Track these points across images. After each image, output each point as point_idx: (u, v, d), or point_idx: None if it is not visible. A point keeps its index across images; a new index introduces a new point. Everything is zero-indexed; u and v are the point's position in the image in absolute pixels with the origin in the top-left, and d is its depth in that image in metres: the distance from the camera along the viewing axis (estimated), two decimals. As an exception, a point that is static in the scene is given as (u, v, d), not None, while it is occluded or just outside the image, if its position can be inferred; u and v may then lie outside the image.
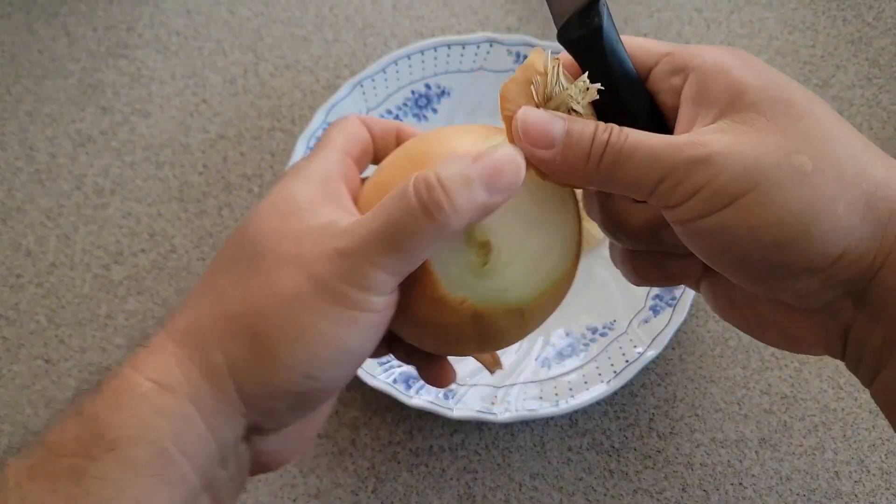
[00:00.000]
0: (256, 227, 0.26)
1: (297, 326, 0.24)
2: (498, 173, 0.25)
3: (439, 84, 0.54)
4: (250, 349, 0.24)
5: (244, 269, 0.25)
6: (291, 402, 0.26)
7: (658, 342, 0.45)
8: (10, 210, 0.53)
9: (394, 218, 0.24)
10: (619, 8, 0.59)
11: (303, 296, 0.24)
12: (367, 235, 0.24)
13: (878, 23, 0.57)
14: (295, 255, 0.25)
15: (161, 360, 0.25)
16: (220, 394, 0.25)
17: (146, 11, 0.60)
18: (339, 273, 0.24)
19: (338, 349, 0.25)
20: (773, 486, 0.44)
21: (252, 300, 0.25)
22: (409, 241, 0.24)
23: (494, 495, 0.44)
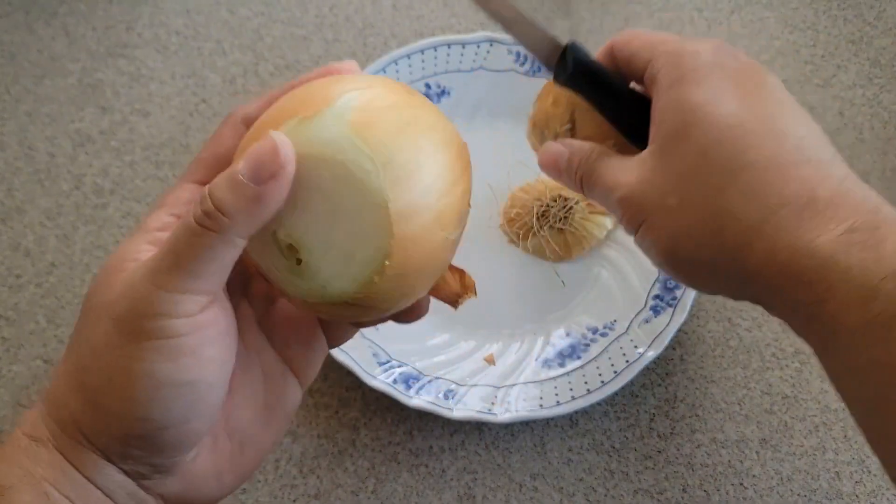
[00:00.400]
0: (90, 289, 0.26)
1: (111, 373, 0.24)
2: (259, 164, 0.23)
3: (439, 83, 0.53)
4: (84, 402, 0.25)
5: (79, 328, 0.26)
6: (143, 445, 0.25)
7: (658, 342, 0.45)
8: (10, 210, 0.53)
9: (178, 239, 0.24)
10: (620, 8, 0.59)
11: (111, 341, 0.24)
12: (153, 263, 0.24)
13: (878, 22, 0.57)
14: (105, 304, 0.25)
15: (34, 416, 0.26)
16: (79, 445, 0.25)
17: (146, 11, 0.60)
18: (134, 307, 0.24)
19: (155, 384, 0.24)
20: (774, 486, 0.44)
21: (79, 355, 0.25)
22: (191, 257, 0.24)
23: (494, 496, 0.44)
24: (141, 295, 0.24)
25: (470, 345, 0.47)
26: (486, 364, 0.47)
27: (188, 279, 0.24)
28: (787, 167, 0.27)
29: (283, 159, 0.23)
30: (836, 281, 0.25)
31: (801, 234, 0.26)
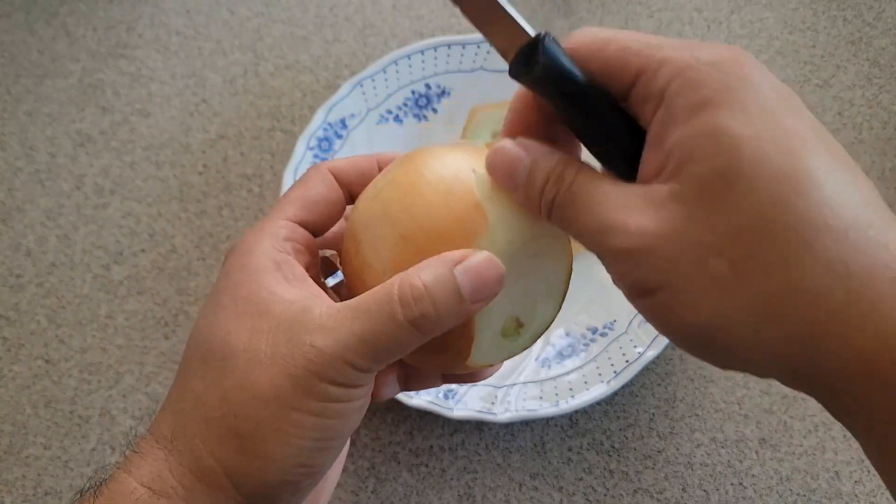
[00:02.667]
0: (223, 326, 0.26)
1: (280, 423, 0.25)
2: (482, 283, 0.25)
3: (439, 84, 0.54)
4: (240, 451, 0.25)
5: (219, 371, 0.25)
6: (294, 490, 0.26)
7: (658, 342, 0.45)
8: (10, 210, 0.53)
9: (377, 323, 0.24)
10: (620, 8, 0.59)
11: (282, 394, 0.25)
12: (348, 338, 0.24)
13: (878, 23, 0.57)
14: (270, 354, 0.25)
15: (153, 466, 0.25)
16: (219, 493, 0.25)
17: (146, 11, 0.60)
18: (319, 373, 0.24)
19: (326, 437, 0.26)
20: (774, 486, 0.44)
21: (232, 402, 0.25)
22: (391, 348, 0.25)
23: (494, 495, 0.44)
24: (331, 366, 0.25)
25: (470, 345, 0.48)
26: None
27: (376, 364, 0.25)
28: (865, 231, 0.21)
29: (499, 286, 0.25)
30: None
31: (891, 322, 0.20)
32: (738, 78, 0.22)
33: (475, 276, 0.25)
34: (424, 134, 0.53)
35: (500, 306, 0.27)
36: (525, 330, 0.29)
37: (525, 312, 0.29)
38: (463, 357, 0.28)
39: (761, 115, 0.22)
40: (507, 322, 0.29)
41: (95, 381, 0.48)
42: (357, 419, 0.27)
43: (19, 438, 0.47)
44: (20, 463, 0.46)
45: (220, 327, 0.26)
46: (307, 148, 0.50)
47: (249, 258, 0.27)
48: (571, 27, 0.58)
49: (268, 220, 0.28)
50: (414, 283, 0.24)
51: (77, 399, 0.48)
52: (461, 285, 0.24)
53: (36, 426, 0.47)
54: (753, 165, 0.21)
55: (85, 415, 0.47)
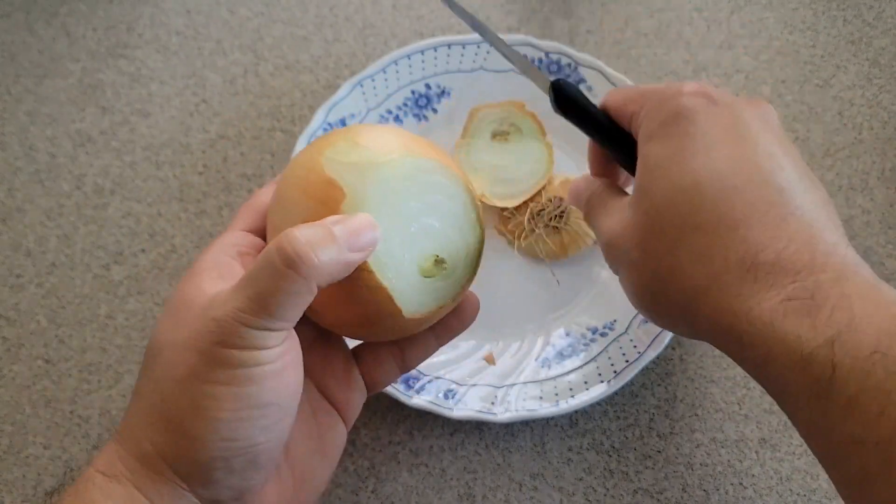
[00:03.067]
0: (157, 330, 0.29)
1: (196, 399, 0.26)
2: (358, 234, 0.27)
3: (439, 84, 0.54)
4: (167, 432, 0.27)
5: (152, 366, 0.28)
6: (224, 467, 0.27)
7: (658, 342, 0.45)
8: (10, 210, 0.53)
9: (261, 278, 0.26)
10: (620, 8, 0.59)
11: (196, 371, 0.26)
12: (238, 300, 0.26)
13: (878, 23, 0.57)
14: (185, 338, 0.27)
15: (107, 456, 0.28)
16: (159, 476, 0.27)
17: (146, 11, 0.60)
18: (220, 340, 0.26)
19: (241, 406, 0.26)
20: (774, 486, 0.44)
21: (160, 389, 0.27)
22: (280, 299, 0.26)
23: (494, 495, 0.44)
24: (228, 330, 0.26)
25: (470, 344, 0.48)
26: (486, 364, 0.47)
27: (272, 320, 0.26)
28: (734, 230, 0.28)
29: (373, 241, 0.28)
30: (776, 347, 0.25)
31: (742, 301, 0.27)
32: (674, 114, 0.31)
33: (350, 228, 0.27)
34: (424, 134, 0.53)
35: (403, 251, 0.29)
36: (452, 264, 0.31)
37: (440, 247, 0.31)
38: (395, 312, 0.29)
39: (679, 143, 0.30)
40: (423, 262, 0.30)
41: (95, 381, 0.48)
42: (278, 387, 0.27)
43: (19, 438, 0.47)
44: (20, 463, 0.46)
45: (157, 328, 0.29)
46: (307, 148, 0.50)
47: (192, 266, 0.30)
48: (571, 27, 0.58)
49: (221, 234, 0.32)
50: (289, 234, 0.26)
51: (77, 399, 0.48)
52: (337, 233, 0.27)
53: (36, 426, 0.47)
54: (659, 180, 0.30)
55: (85, 415, 0.47)
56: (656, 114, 0.31)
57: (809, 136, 0.54)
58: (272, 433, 0.28)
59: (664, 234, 0.29)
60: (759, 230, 0.27)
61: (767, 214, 0.28)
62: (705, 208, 0.28)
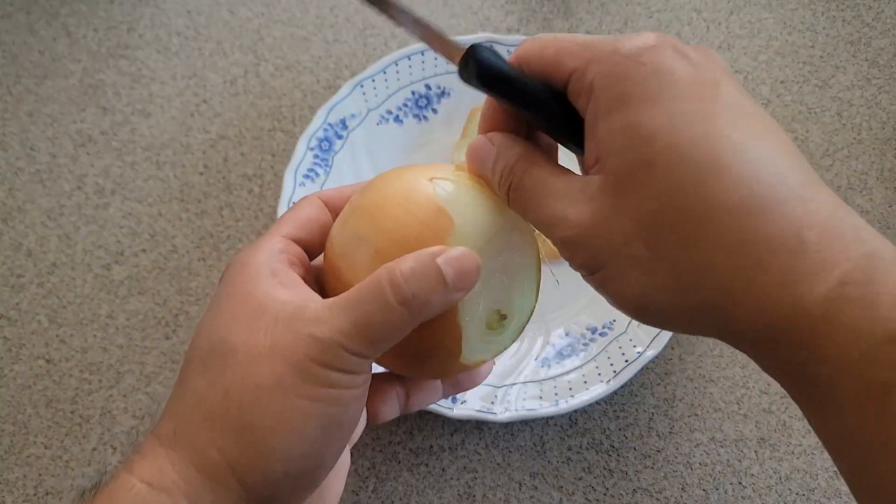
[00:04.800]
0: (222, 326, 0.27)
1: (282, 412, 0.25)
2: (463, 272, 0.27)
3: (439, 84, 0.54)
4: (243, 442, 0.25)
5: (219, 367, 0.26)
6: (294, 483, 0.26)
7: (657, 342, 0.45)
8: (11, 210, 0.53)
9: (369, 309, 0.26)
10: (619, 9, 0.59)
11: (284, 383, 0.25)
12: (344, 325, 0.26)
13: (877, 23, 0.57)
14: (269, 346, 0.26)
15: (153, 462, 0.25)
16: (222, 488, 0.25)
17: (147, 12, 0.60)
18: (318, 358, 0.25)
19: (328, 425, 0.26)
20: (773, 485, 0.44)
21: (234, 396, 0.26)
22: (384, 332, 0.26)
23: (494, 495, 0.44)
24: (331, 353, 0.25)
25: (470, 344, 0.48)
26: (486, 363, 0.47)
27: (372, 349, 0.26)
28: (769, 206, 0.23)
29: (476, 274, 0.27)
30: (829, 344, 0.22)
31: (790, 290, 0.22)
32: (653, 71, 0.24)
33: (455, 263, 0.26)
34: (424, 134, 0.54)
35: (480, 300, 0.29)
36: (509, 322, 0.31)
37: (505, 304, 0.30)
38: (455, 355, 0.29)
39: (673, 106, 0.24)
40: (490, 315, 0.30)
41: (96, 381, 0.48)
42: (356, 412, 0.27)
43: (20, 438, 0.47)
44: (21, 462, 0.46)
45: (219, 328, 0.27)
46: (307, 148, 0.50)
47: (247, 267, 0.28)
48: (571, 28, 0.58)
49: (264, 237, 0.30)
50: (402, 268, 0.26)
51: (78, 399, 0.48)
52: (444, 271, 0.26)
53: (37, 426, 0.47)
54: (663, 157, 0.24)
55: (86, 414, 0.47)
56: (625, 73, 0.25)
57: (808, 137, 0.54)
58: (337, 455, 0.28)
59: (680, 223, 0.23)
60: (795, 204, 0.23)
61: (797, 185, 0.23)
62: (730, 186, 0.23)
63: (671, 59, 0.25)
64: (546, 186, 0.27)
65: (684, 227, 0.24)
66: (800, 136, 0.54)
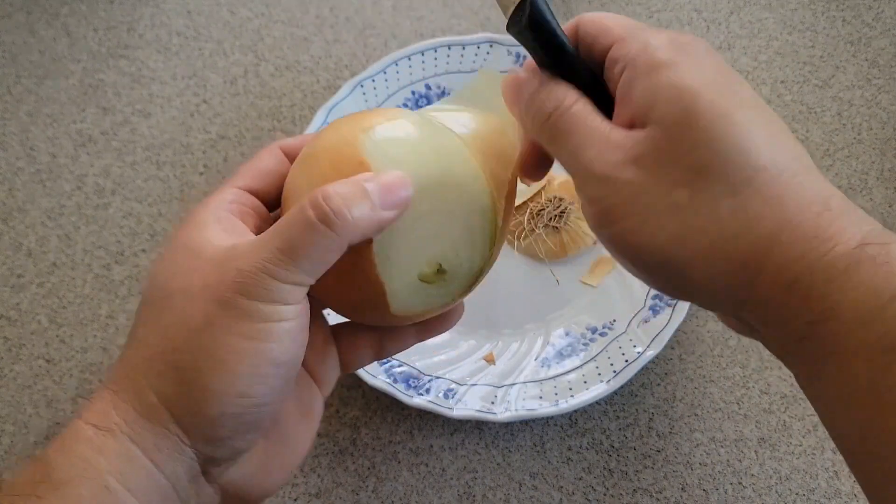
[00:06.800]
0: (163, 274, 0.28)
1: (214, 350, 0.25)
2: (392, 193, 0.27)
3: (439, 84, 0.54)
4: (179, 383, 0.26)
5: (158, 313, 0.27)
6: (232, 425, 0.26)
7: (657, 342, 0.45)
8: (12, 210, 0.53)
9: (292, 231, 0.26)
10: (619, 9, 0.59)
11: (214, 321, 0.25)
12: (266, 251, 0.26)
13: (877, 23, 0.57)
14: (202, 287, 0.26)
15: (99, 406, 0.26)
16: (160, 429, 0.26)
17: (147, 12, 0.60)
18: (245, 290, 0.25)
19: (260, 362, 0.26)
20: (773, 485, 0.44)
21: (170, 337, 0.26)
22: (306, 251, 0.26)
23: (494, 494, 0.44)
24: (254, 281, 0.25)
25: (470, 344, 0.48)
26: (486, 363, 0.47)
27: (300, 273, 0.26)
28: (799, 173, 0.25)
29: (408, 199, 0.28)
30: (843, 299, 0.23)
31: (818, 245, 0.24)
32: (688, 49, 0.27)
33: (383, 185, 0.27)
34: (424, 134, 0.54)
35: (402, 251, 0.29)
36: (452, 274, 0.30)
37: (444, 258, 0.30)
38: (383, 307, 0.29)
39: (708, 76, 0.26)
40: (424, 268, 0.30)
41: (96, 381, 0.48)
42: (292, 347, 0.27)
43: (20, 438, 0.47)
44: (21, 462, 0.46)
45: (160, 275, 0.28)
46: (307, 148, 0.50)
47: (193, 217, 0.29)
48: (571, 28, 0.58)
49: (217, 190, 0.30)
50: (324, 189, 0.26)
51: (78, 399, 0.48)
52: (370, 190, 0.27)
53: (37, 426, 0.47)
54: (709, 110, 0.25)
55: (86, 414, 0.47)
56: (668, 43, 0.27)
57: (809, 137, 0.54)
58: (279, 394, 0.27)
59: (726, 173, 0.25)
60: (818, 177, 0.25)
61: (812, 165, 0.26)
62: (768, 149, 0.25)
63: (702, 48, 0.27)
64: (592, 122, 0.27)
65: (727, 178, 0.25)
66: (800, 136, 0.54)
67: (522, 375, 0.46)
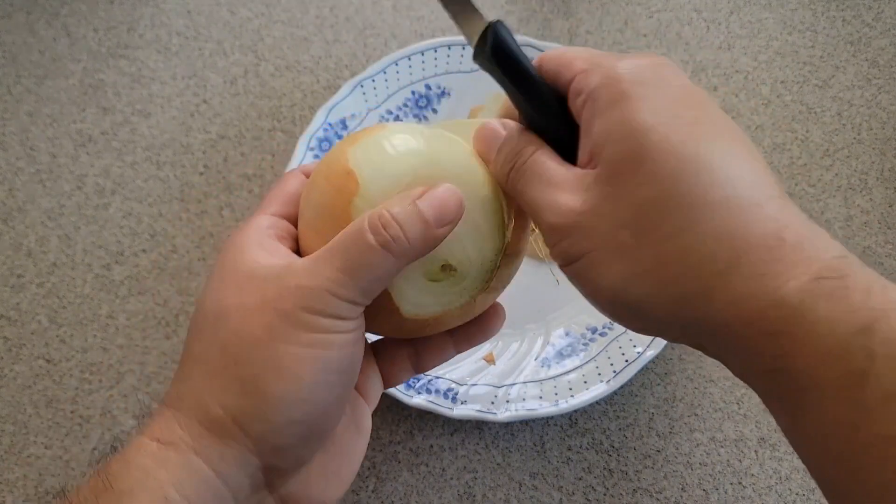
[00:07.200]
0: (214, 295, 0.28)
1: (277, 359, 0.26)
2: (444, 209, 0.28)
3: (439, 84, 0.54)
4: (243, 394, 0.26)
5: (213, 329, 0.28)
6: (297, 432, 0.27)
7: (658, 342, 0.45)
8: (12, 210, 0.53)
9: (353, 254, 0.27)
10: (619, 9, 0.59)
11: (275, 332, 0.26)
12: (329, 272, 0.27)
13: (877, 23, 0.57)
14: (259, 302, 0.27)
15: (162, 423, 0.27)
16: (227, 440, 0.26)
17: (147, 12, 0.60)
18: (307, 305, 0.26)
19: (322, 368, 0.27)
20: (773, 485, 0.44)
21: (231, 352, 0.27)
22: (368, 274, 0.27)
23: (494, 494, 0.44)
24: (318, 298, 0.26)
25: (470, 344, 0.48)
26: (486, 363, 0.47)
27: (360, 293, 0.27)
28: (753, 206, 0.24)
29: (459, 209, 0.28)
30: (805, 334, 0.23)
31: (769, 281, 0.24)
32: (651, 76, 0.27)
33: (435, 202, 0.28)
34: (424, 134, 0.54)
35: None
36: (462, 272, 0.30)
37: (450, 254, 0.30)
38: (394, 311, 0.30)
39: (666, 108, 0.26)
40: (428, 266, 0.30)
41: (96, 381, 0.48)
42: (351, 356, 0.28)
43: (20, 438, 0.47)
44: (21, 462, 0.46)
45: (212, 297, 0.28)
46: (307, 148, 0.50)
47: (235, 244, 0.30)
48: (571, 28, 0.58)
49: (251, 217, 0.31)
50: (382, 214, 0.27)
51: (78, 399, 0.48)
52: (423, 210, 0.27)
53: (37, 426, 0.47)
54: (656, 150, 0.25)
55: (86, 415, 0.47)
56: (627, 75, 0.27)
57: (808, 137, 0.54)
58: (339, 403, 0.28)
59: (672, 213, 0.25)
60: (776, 207, 0.25)
61: (775, 193, 0.25)
62: (721, 183, 0.24)
63: (668, 72, 0.27)
64: (546, 171, 0.28)
65: (672, 217, 0.25)
66: (800, 136, 0.54)
67: (522, 375, 0.46)
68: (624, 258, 0.26)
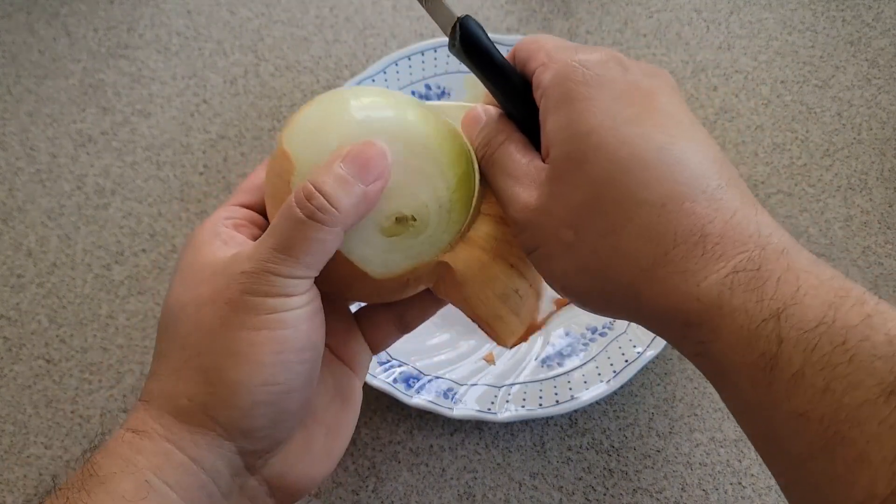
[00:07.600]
0: (174, 294, 0.29)
1: (232, 346, 0.27)
2: (365, 164, 0.28)
3: (439, 84, 0.54)
4: (206, 384, 0.27)
5: (175, 326, 0.29)
6: (264, 412, 0.28)
7: (658, 342, 0.45)
8: (12, 210, 0.53)
9: (285, 231, 0.27)
10: (619, 9, 0.59)
11: (228, 320, 0.27)
12: (266, 253, 0.27)
13: (877, 23, 0.57)
14: (211, 293, 0.28)
15: (137, 416, 0.28)
16: (198, 428, 0.27)
17: (147, 12, 0.60)
18: (250, 289, 0.27)
19: (279, 349, 0.27)
20: (773, 485, 0.44)
21: (190, 345, 0.28)
22: (303, 247, 0.27)
23: (494, 494, 0.44)
24: (258, 279, 0.27)
25: (470, 344, 0.48)
26: (486, 363, 0.47)
27: (299, 268, 0.27)
28: (680, 203, 0.26)
29: (385, 161, 0.28)
30: (722, 324, 0.24)
31: (689, 277, 0.25)
32: (595, 76, 0.28)
33: (355, 160, 0.28)
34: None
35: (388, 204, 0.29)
36: (422, 220, 0.29)
37: (405, 205, 0.29)
38: (362, 274, 0.29)
39: (607, 109, 0.27)
40: (381, 223, 0.29)
41: (96, 381, 0.48)
42: (308, 331, 0.28)
43: (20, 438, 0.47)
44: (21, 462, 0.46)
45: (172, 293, 0.29)
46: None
47: (192, 240, 0.31)
48: (571, 28, 0.58)
49: (216, 210, 0.32)
50: (305, 185, 0.27)
51: (78, 399, 0.48)
52: (343, 172, 0.27)
53: (37, 426, 0.47)
54: (593, 152, 0.27)
55: (86, 414, 0.47)
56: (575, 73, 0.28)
57: (808, 137, 0.54)
58: (306, 379, 0.28)
59: (605, 213, 0.26)
60: (704, 202, 0.26)
61: (710, 186, 0.26)
62: (651, 183, 0.26)
63: (613, 69, 0.28)
64: (510, 164, 0.29)
65: (607, 217, 0.26)
66: (800, 136, 0.54)
67: (522, 375, 0.46)
68: (567, 254, 0.28)
